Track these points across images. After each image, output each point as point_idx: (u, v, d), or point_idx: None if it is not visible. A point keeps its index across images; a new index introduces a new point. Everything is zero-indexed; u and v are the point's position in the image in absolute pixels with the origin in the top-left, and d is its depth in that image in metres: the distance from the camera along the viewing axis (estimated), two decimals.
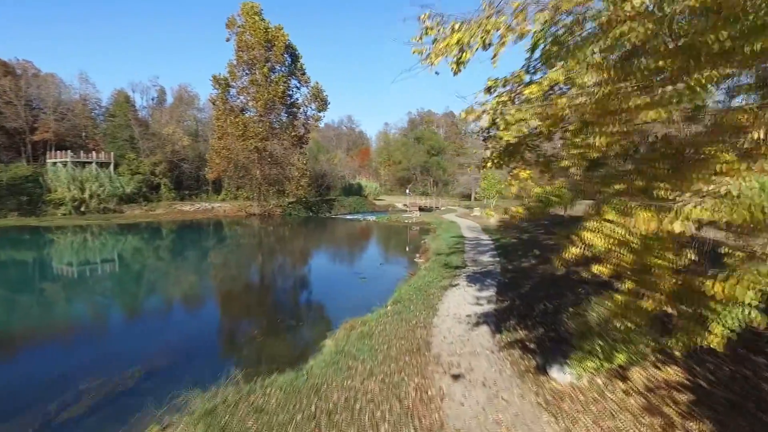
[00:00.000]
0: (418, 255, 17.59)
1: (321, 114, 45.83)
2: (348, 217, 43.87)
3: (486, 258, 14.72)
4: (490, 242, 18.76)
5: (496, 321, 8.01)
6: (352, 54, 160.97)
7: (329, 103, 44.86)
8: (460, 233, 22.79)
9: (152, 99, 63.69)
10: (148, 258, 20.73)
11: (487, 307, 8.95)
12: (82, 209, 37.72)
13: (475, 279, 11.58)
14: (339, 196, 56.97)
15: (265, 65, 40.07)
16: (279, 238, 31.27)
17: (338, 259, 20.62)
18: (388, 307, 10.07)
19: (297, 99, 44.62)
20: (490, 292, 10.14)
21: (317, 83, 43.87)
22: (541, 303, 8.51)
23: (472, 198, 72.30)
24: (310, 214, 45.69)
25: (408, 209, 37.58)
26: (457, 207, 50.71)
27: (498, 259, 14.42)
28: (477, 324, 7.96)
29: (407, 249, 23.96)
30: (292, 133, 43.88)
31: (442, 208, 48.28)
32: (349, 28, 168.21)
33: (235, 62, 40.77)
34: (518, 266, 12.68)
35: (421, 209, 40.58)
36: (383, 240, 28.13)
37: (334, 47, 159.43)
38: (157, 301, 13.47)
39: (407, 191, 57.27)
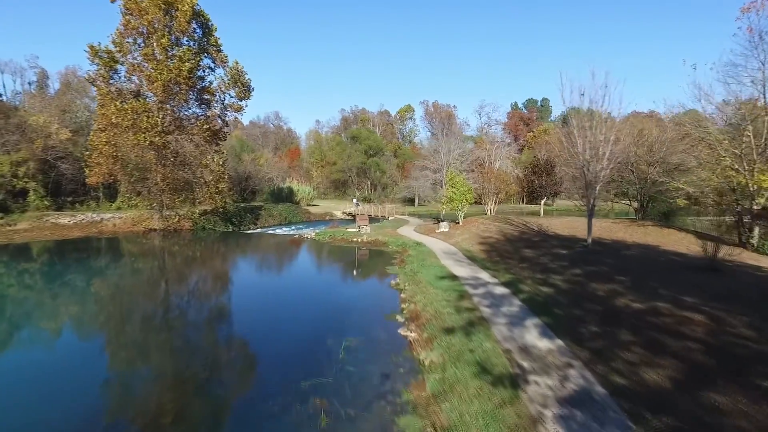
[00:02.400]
0: (404, 322, 10.66)
1: (243, 103, 36.76)
2: (279, 231, 35.51)
3: (537, 341, 8.28)
4: (506, 291, 12.32)
5: None
6: (278, 47, 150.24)
7: (253, 90, 36.27)
8: (444, 268, 16.16)
9: (29, 83, 51.33)
10: None
11: None
12: None
13: None
14: (266, 203, 48.10)
15: (164, 35, 30.51)
16: (185, 261, 22.62)
17: (268, 330, 11.72)
18: None
19: (211, 83, 35.40)
20: None
21: (237, 63, 35.05)
22: None
23: (416, 203, 67.19)
24: (230, 227, 36.58)
25: (357, 223, 30.47)
26: (406, 215, 44.56)
27: (560, 342, 8.07)
28: None
29: (355, 272, 17.99)
30: (205, 126, 34.59)
31: (390, 218, 41.83)
32: (277, 19, 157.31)
33: (122, 29, 30.70)
34: (648, 386, 6.30)
35: (370, 219, 33.63)
36: (333, 277, 19.86)
37: (259, 40, 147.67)
38: None
39: (354, 200, 49.80)
